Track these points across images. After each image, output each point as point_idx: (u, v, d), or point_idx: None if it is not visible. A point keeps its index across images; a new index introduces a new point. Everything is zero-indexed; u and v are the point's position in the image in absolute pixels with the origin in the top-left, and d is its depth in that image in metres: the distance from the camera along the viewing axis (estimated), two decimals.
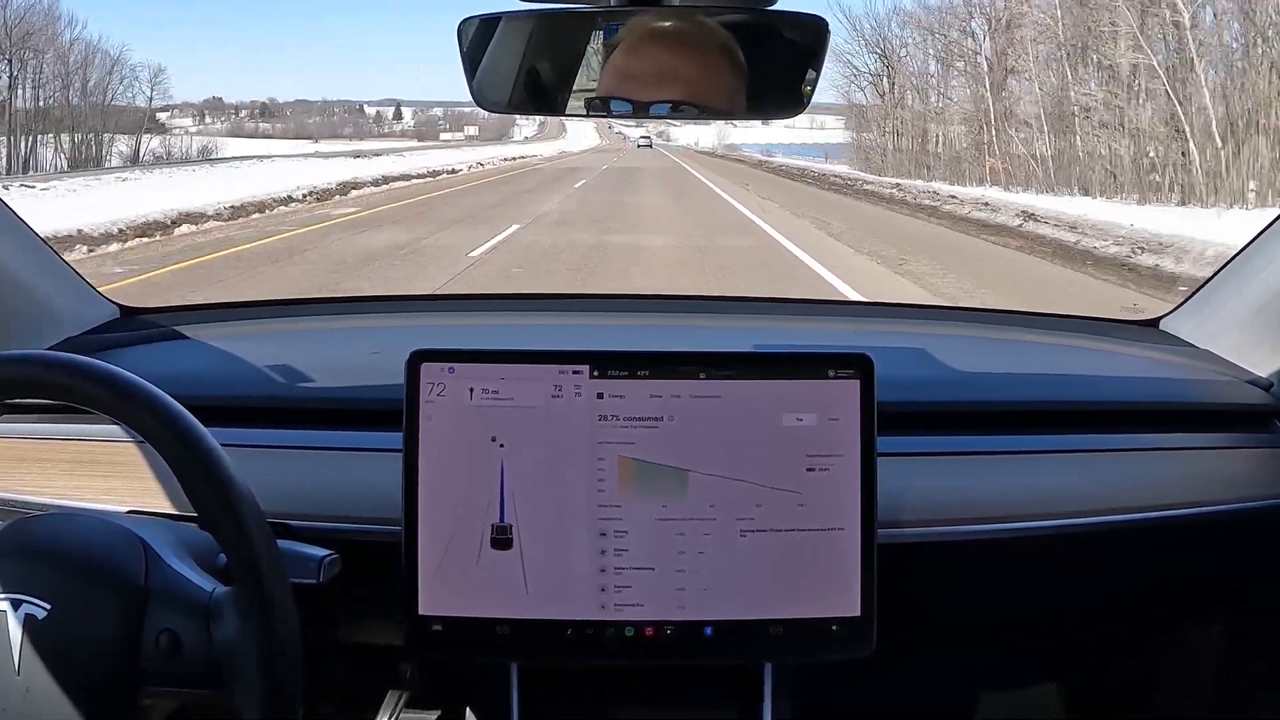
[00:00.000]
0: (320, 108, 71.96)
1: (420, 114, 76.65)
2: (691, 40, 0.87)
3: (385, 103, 78.17)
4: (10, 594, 0.74)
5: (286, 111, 68.50)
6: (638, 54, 0.88)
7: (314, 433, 1.02)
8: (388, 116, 75.77)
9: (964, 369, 1.17)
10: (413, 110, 79.11)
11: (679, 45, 0.87)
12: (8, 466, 1.00)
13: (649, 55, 0.87)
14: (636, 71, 0.87)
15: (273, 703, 0.72)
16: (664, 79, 0.87)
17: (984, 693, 1.26)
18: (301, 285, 7.56)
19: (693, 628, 0.85)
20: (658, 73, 0.87)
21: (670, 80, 0.87)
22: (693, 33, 0.87)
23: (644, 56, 0.87)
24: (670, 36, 0.87)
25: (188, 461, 0.72)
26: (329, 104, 73.90)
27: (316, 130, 63.52)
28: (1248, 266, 1.18)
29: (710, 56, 0.88)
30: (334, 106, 73.02)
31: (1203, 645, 1.20)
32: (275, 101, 71.23)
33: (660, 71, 0.87)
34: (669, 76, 0.87)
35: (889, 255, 9.84)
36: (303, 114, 68.56)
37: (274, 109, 68.05)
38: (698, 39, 0.88)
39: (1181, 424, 1.09)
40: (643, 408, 0.85)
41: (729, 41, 0.88)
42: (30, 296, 1.13)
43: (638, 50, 0.88)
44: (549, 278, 7.95)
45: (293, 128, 62.77)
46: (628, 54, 0.88)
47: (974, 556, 0.98)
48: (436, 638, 0.85)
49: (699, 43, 0.88)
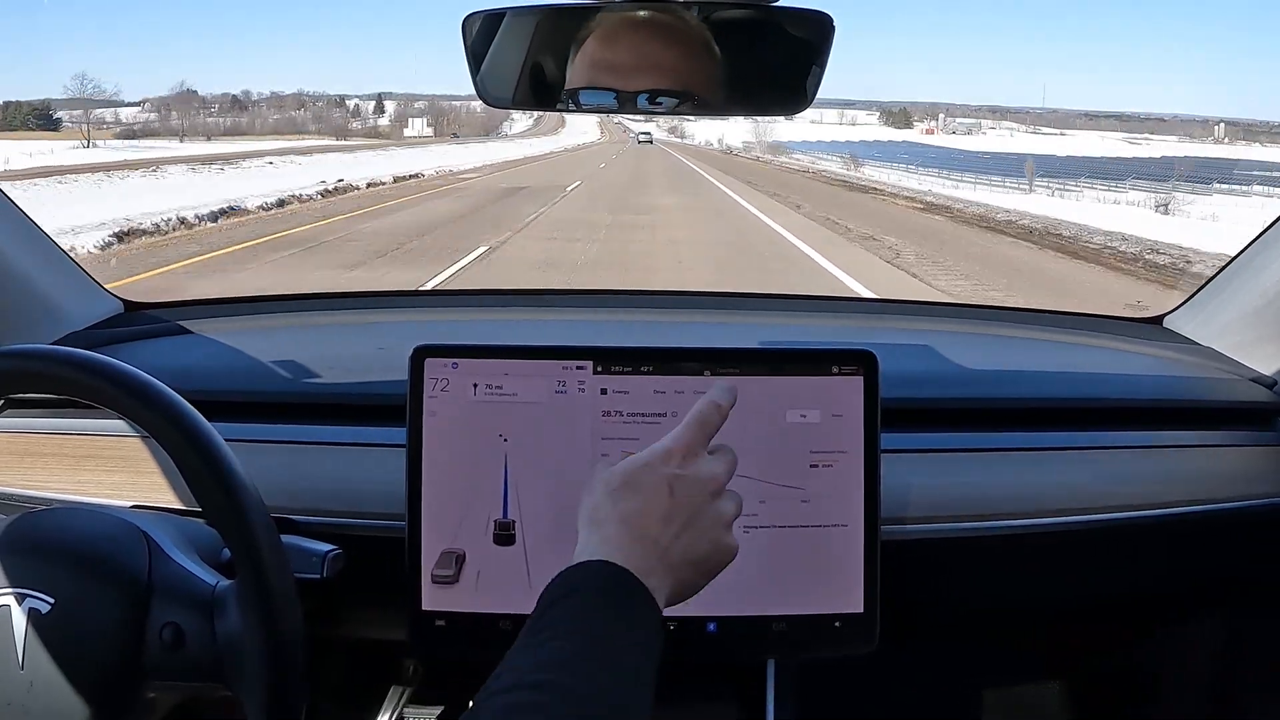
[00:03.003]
0: (295, 100, 70.81)
1: (404, 106, 75.94)
2: (673, 30, 0.87)
3: (366, 96, 77.43)
4: (15, 588, 0.74)
5: (263, 105, 67.61)
6: (613, 43, 0.87)
7: (318, 428, 1.02)
8: (367, 110, 74.99)
9: (967, 366, 1.16)
10: (396, 103, 78.49)
11: (659, 34, 0.86)
12: (12, 461, 1.00)
13: (625, 44, 0.87)
14: (613, 61, 0.87)
15: (275, 697, 0.72)
16: (641, 68, 0.86)
17: (987, 689, 1.26)
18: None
19: (696, 624, 0.85)
20: (634, 61, 0.86)
21: (650, 69, 0.86)
22: (673, 23, 0.86)
23: (620, 45, 0.87)
24: (649, 25, 0.86)
25: (191, 456, 0.73)
26: (305, 96, 72.71)
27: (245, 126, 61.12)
28: (1251, 264, 1.18)
29: (698, 48, 0.87)
30: (310, 99, 71.75)
31: (1205, 642, 1.20)
32: (249, 95, 70.28)
33: (638, 60, 0.86)
34: (647, 65, 0.86)
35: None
36: (276, 108, 67.45)
37: (245, 102, 67.19)
38: (679, 29, 0.87)
39: (1185, 422, 1.08)
40: (646, 404, 0.85)
41: (729, 36, 0.87)
42: (34, 291, 1.13)
43: (613, 39, 0.87)
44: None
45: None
46: (602, 43, 0.87)
47: (977, 553, 0.98)
48: (439, 633, 0.85)
49: (682, 33, 0.87)
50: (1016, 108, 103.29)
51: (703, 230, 12.79)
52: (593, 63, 0.87)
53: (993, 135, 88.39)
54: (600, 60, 0.87)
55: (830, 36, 0.87)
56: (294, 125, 62.84)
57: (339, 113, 71.00)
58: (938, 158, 34.70)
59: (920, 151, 36.28)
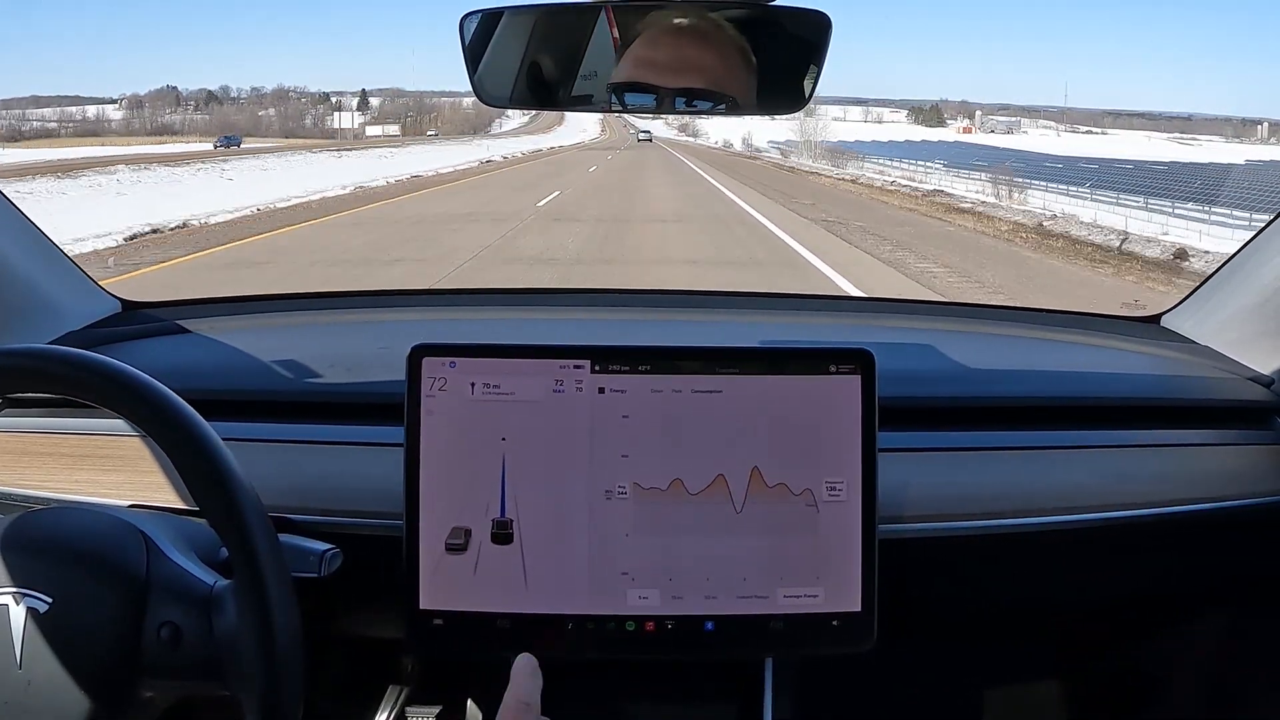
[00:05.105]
0: (275, 96, 69.72)
1: (390, 103, 75.45)
2: (707, 32, 0.89)
3: (351, 93, 76.88)
4: (13, 587, 0.74)
5: (241, 99, 66.61)
6: (659, 43, 0.89)
7: (315, 427, 1.02)
8: (351, 106, 74.34)
9: (965, 365, 1.17)
10: (381, 100, 77.98)
11: (696, 37, 0.89)
12: (10, 461, 1.00)
13: (670, 44, 0.89)
14: (658, 59, 0.89)
15: (273, 696, 0.72)
16: (686, 68, 0.88)
17: (985, 689, 1.27)
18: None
19: (693, 622, 0.85)
20: (680, 61, 0.89)
21: (691, 69, 0.88)
22: (711, 27, 0.89)
23: (665, 45, 0.89)
24: (687, 29, 0.88)
25: (189, 455, 0.73)
26: (285, 91, 71.65)
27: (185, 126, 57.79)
28: (1249, 263, 1.18)
29: (729, 49, 0.89)
30: (294, 95, 70.52)
31: (1204, 641, 1.20)
32: (227, 90, 69.12)
33: (682, 60, 0.89)
34: (690, 65, 0.88)
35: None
36: (255, 104, 66.12)
37: (222, 97, 66.26)
38: (717, 33, 0.89)
39: (1182, 420, 1.09)
40: (644, 403, 0.85)
41: (741, 36, 0.89)
42: (32, 290, 1.13)
43: (659, 40, 0.89)
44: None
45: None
46: (649, 44, 0.89)
47: (974, 552, 0.98)
48: (437, 632, 0.85)
49: (719, 36, 0.89)
50: (1040, 106, 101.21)
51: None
52: (637, 60, 0.89)
53: (1035, 134, 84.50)
54: (644, 58, 0.89)
55: (828, 35, 0.88)
56: (225, 124, 61.31)
57: (317, 110, 70.23)
58: (1032, 166, 25.17)
59: (990, 154, 28.09)
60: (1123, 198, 19.10)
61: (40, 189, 18.86)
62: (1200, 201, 17.16)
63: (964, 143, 65.72)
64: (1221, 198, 17.34)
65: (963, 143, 65.45)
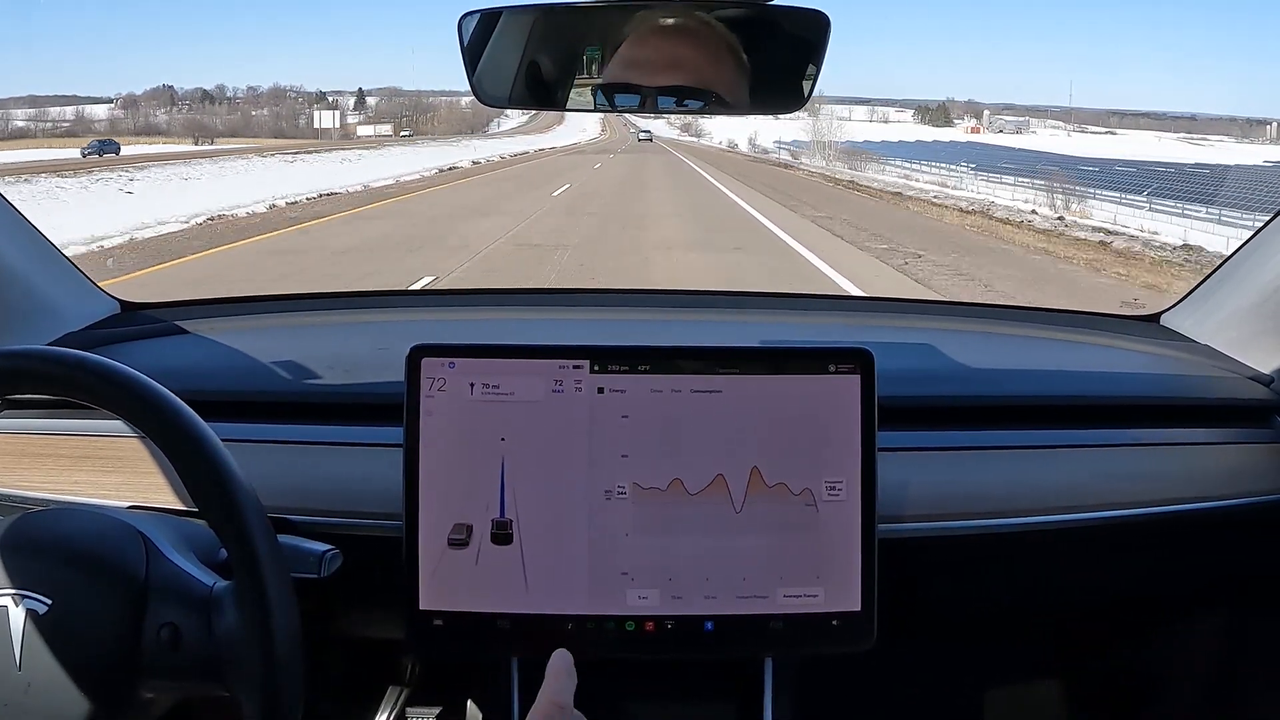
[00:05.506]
0: (271, 95, 69.23)
1: (387, 102, 75.33)
2: (698, 32, 0.89)
3: (346, 92, 76.61)
4: (12, 589, 0.74)
5: (238, 99, 66.12)
6: (645, 43, 0.89)
7: (314, 428, 1.02)
8: (347, 105, 74.02)
9: (965, 364, 1.16)
10: (378, 99, 77.86)
11: (687, 35, 0.88)
12: (9, 462, 1.00)
13: (655, 44, 0.89)
14: (643, 59, 0.89)
15: (273, 697, 0.72)
16: (671, 66, 0.88)
17: (985, 688, 1.27)
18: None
19: (693, 622, 0.85)
20: (665, 59, 0.89)
21: (677, 67, 0.88)
22: (699, 25, 0.89)
23: (650, 45, 0.89)
24: (673, 27, 0.88)
25: (188, 456, 0.73)
26: (282, 90, 71.14)
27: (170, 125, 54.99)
28: (1248, 262, 1.18)
29: (717, 47, 0.89)
30: (289, 94, 69.86)
31: (1203, 640, 1.20)
32: (223, 89, 68.74)
33: (667, 58, 0.89)
34: (676, 64, 0.88)
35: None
36: (250, 104, 65.32)
37: (218, 96, 65.86)
38: (704, 31, 0.89)
39: (1182, 419, 1.08)
40: (643, 403, 0.85)
41: (733, 35, 0.89)
42: (31, 291, 1.13)
43: (645, 39, 0.89)
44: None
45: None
46: (635, 43, 0.89)
47: (974, 551, 0.98)
48: (437, 633, 0.85)
49: (706, 34, 0.89)
50: (1044, 106, 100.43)
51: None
52: (625, 61, 0.89)
53: (1045, 134, 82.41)
54: (632, 57, 0.89)
55: (826, 35, 0.88)
56: (203, 127, 60.30)
57: (311, 110, 69.88)
58: (1068, 170, 20.38)
59: (1010, 156, 24.87)
60: (1187, 208, 16.15)
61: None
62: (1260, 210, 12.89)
63: (976, 143, 62.33)
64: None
65: (975, 143, 61.96)
